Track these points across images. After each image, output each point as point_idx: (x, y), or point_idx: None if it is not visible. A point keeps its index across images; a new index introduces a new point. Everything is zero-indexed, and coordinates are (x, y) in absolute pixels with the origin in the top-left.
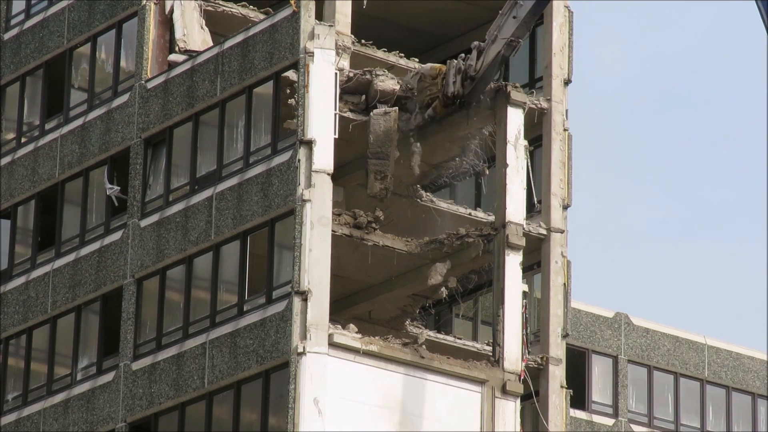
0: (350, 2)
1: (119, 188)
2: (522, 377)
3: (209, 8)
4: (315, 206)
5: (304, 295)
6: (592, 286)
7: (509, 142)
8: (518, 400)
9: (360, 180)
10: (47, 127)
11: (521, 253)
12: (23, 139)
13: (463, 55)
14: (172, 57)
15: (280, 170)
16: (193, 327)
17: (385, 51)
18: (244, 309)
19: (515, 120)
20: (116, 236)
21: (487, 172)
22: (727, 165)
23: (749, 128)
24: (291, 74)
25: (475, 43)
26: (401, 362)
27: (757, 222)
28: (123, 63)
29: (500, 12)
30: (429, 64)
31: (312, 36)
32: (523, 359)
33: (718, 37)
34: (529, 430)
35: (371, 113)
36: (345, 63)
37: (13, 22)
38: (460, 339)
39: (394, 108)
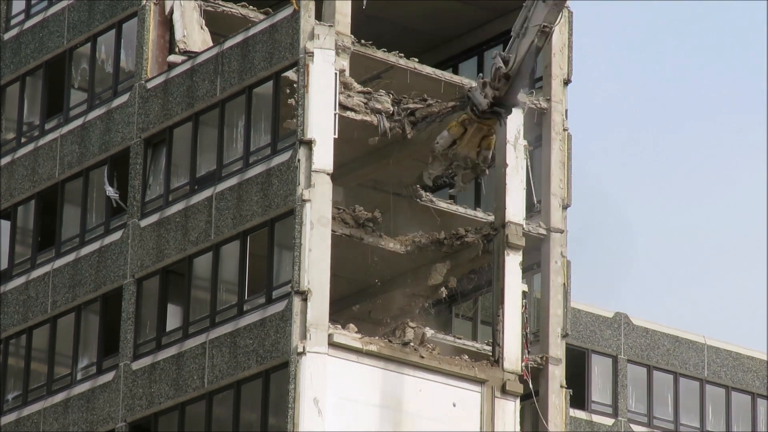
0: (350, 2)
1: (118, 194)
2: (524, 377)
3: (209, 8)
4: (315, 206)
5: (304, 295)
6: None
7: (509, 142)
8: (518, 400)
9: (360, 180)
10: (47, 127)
11: (521, 253)
12: (23, 139)
13: (480, 75)
14: (172, 58)
15: (279, 170)
16: (193, 327)
17: (384, 51)
18: (244, 309)
19: (515, 120)
20: (116, 236)
21: (487, 172)
22: (728, 165)
23: (749, 128)
24: (291, 74)
25: (495, 52)
26: (401, 362)
27: (757, 222)
28: (123, 63)
29: (524, 4)
30: (445, 133)
31: (312, 36)
32: (523, 359)
33: (719, 37)
34: (529, 430)
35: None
36: (345, 63)
37: (13, 22)
38: (460, 339)
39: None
